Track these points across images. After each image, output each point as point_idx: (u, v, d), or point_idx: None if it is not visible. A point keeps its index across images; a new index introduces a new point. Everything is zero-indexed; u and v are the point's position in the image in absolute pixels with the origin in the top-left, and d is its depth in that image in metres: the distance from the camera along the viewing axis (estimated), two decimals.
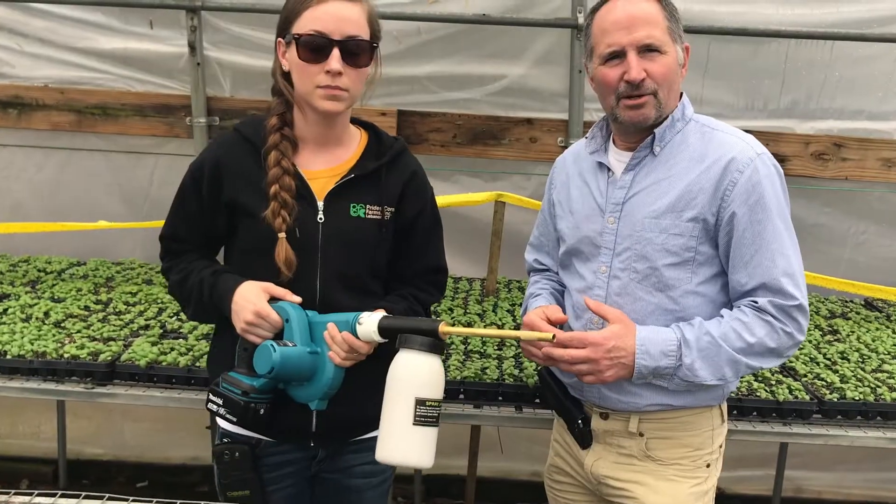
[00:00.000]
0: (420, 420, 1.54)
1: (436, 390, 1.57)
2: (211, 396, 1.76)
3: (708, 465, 1.89)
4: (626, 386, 1.82)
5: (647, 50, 1.74)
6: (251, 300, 1.72)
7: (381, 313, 1.68)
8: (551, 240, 2.07)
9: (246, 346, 1.75)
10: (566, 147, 2.71)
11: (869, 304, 3.34)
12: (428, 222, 1.92)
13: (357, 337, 1.67)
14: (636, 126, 1.80)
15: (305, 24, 1.71)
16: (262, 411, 1.72)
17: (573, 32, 3.18)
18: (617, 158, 1.88)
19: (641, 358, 1.72)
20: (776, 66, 3.27)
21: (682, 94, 1.87)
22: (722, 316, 1.77)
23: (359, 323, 1.67)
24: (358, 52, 1.73)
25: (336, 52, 1.70)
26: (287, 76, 1.80)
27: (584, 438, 1.93)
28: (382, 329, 1.65)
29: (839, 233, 3.45)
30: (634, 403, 1.84)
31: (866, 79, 3.29)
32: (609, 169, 1.88)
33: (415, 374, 1.57)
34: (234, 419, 1.72)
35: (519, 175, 3.46)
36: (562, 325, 1.88)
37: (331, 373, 1.70)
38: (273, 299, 1.74)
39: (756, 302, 1.75)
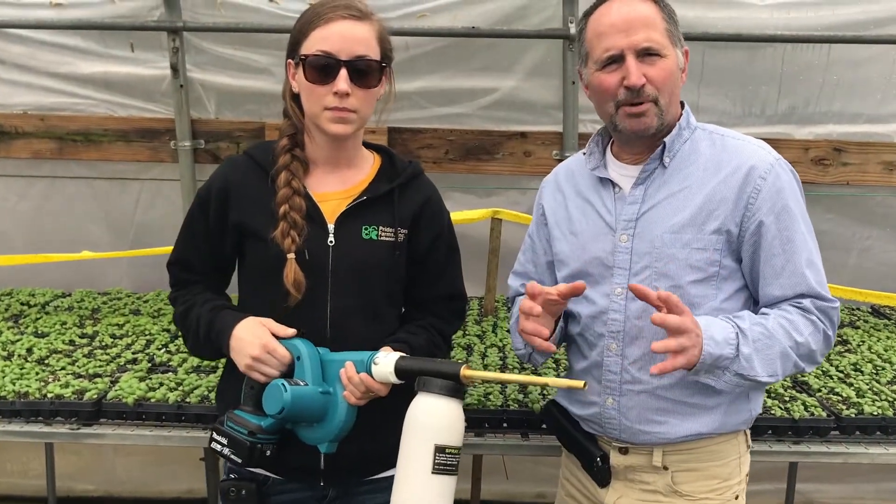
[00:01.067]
0: (439, 468, 1.46)
1: (456, 437, 1.49)
2: (215, 435, 1.68)
3: (737, 497, 1.80)
4: (650, 415, 1.73)
5: (646, 54, 1.66)
6: (257, 335, 1.65)
7: (397, 354, 1.61)
8: (540, 265, 1.95)
9: (252, 384, 1.67)
10: (562, 160, 2.62)
11: (876, 311, 3.27)
12: (445, 247, 1.87)
13: (373, 377, 1.59)
14: (637, 135, 1.71)
15: (313, 44, 1.67)
16: (268, 452, 1.64)
17: (565, 43, 3.12)
18: (621, 173, 1.79)
19: (707, 343, 1.53)
20: (773, 72, 3.21)
21: (682, 102, 1.79)
22: (766, 313, 1.67)
23: (374, 363, 1.59)
24: (367, 71, 1.68)
25: (343, 73, 1.65)
26: (297, 98, 1.75)
27: (603, 476, 1.81)
28: (400, 370, 1.57)
29: (843, 239, 3.39)
30: (661, 434, 1.73)
31: (864, 81, 3.24)
32: (614, 184, 1.79)
33: (434, 420, 1.48)
34: (240, 461, 1.64)
35: (514, 190, 3.38)
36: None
37: (343, 415, 1.62)
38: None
39: (800, 303, 1.66)
